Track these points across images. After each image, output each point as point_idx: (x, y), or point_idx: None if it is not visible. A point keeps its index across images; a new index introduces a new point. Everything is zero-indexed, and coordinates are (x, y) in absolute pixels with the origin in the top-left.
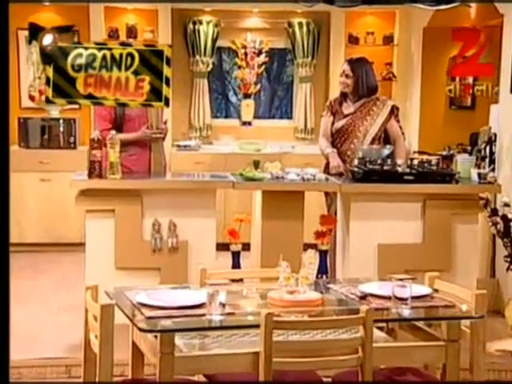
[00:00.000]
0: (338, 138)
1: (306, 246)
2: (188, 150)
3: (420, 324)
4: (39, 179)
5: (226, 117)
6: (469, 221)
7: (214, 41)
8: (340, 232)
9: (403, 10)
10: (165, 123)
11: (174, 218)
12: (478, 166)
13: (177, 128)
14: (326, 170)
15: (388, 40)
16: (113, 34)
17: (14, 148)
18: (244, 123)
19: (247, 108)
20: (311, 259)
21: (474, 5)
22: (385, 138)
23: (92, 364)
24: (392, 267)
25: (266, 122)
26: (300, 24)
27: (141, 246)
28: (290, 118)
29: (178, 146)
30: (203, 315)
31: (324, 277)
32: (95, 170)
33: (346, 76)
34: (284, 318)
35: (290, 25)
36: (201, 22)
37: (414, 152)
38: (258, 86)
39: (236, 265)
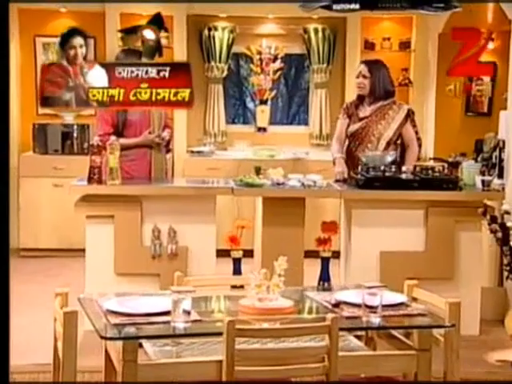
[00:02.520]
0: (352, 142)
1: (308, 253)
2: (201, 155)
3: (397, 333)
4: (52, 185)
5: (244, 123)
6: (472, 228)
7: (230, 47)
8: (343, 239)
9: (420, 16)
10: (166, 129)
11: (174, 224)
12: (482, 173)
13: (191, 134)
14: None
15: (404, 46)
16: None
17: (29, 154)
18: (259, 129)
19: (262, 114)
20: (283, 266)
21: (490, 9)
22: (401, 142)
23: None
24: (394, 275)
25: (281, 128)
26: (315, 30)
27: (140, 252)
28: (306, 124)
29: (192, 151)
30: (168, 322)
31: (326, 284)
32: (95, 175)
33: (364, 77)
34: (247, 325)
35: (306, 31)
36: (216, 28)
37: (430, 158)
38: (274, 92)
39: (237, 271)
